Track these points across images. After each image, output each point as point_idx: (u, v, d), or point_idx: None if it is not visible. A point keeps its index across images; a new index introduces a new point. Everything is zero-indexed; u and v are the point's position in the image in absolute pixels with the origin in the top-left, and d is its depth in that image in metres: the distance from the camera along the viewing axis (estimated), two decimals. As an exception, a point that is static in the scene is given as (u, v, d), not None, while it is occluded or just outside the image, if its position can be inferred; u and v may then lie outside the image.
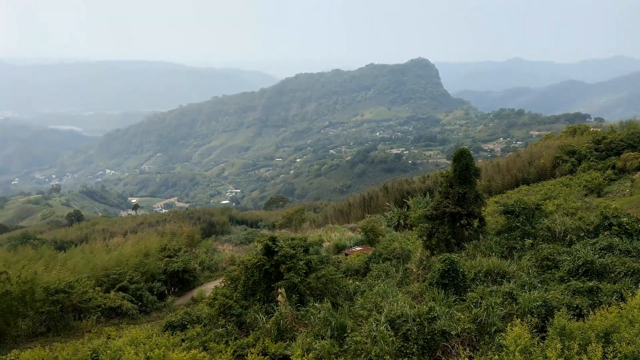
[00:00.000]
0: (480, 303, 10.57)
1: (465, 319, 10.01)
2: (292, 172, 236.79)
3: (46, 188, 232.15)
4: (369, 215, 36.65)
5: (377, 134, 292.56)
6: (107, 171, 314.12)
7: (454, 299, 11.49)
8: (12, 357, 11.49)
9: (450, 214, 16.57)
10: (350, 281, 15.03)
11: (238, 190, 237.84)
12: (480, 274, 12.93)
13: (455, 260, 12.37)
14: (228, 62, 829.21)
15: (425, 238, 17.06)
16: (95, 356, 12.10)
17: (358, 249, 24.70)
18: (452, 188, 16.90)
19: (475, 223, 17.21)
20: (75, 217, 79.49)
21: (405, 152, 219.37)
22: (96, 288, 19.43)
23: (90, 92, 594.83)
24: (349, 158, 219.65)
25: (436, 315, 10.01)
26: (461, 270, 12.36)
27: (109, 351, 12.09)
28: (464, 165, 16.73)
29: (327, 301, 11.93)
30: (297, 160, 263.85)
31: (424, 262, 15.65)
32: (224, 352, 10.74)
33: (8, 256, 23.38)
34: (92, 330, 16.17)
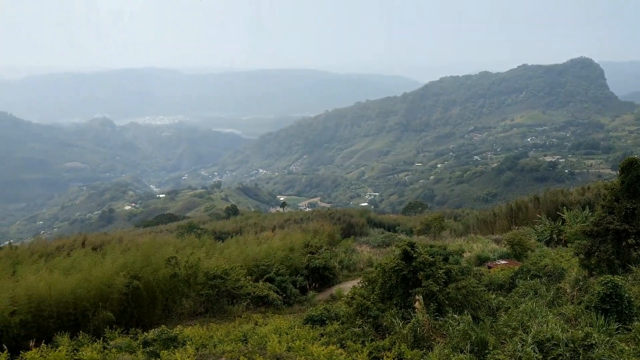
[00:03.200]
0: (650, 336, 9.26)
1: (631, 351, 8.86)
2: (432, 177, 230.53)
3: (209, 184, 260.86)
4: (516, 227, 34.03)
5: (529, 139, 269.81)
6: (260, 170, 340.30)
7: (616, 327, 10.19)
8: (177, 332, 13.14)
9: (614, 232, 14.70)
10: (493, 296, 14.22)
11: (377, 194, 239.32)
12: (651, 303, 11.29)
13: (620, 283, 10.95)
14: (370, 68, 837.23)
15: (582, 256, 15.38)
16: (245, 339, 13.27)
17: (502, 262, 23.18)
18: (619, 202, 14.97)
19: (647, 244, 15.03)
20: (232, 211, 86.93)
21: (561, 160, 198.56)
22: (247, 277, 21.09)
23: (248, 98, 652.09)
24: (495, 165, 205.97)
25: (594, 342, 9.02)
26: (626, 295, 10.91)
27: (256, 336, 13.22)
28: (634, 176, 14.70)
29: (467, 313, 11.46)
30: (438, 165, 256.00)
31: (580, 283, 14.11)
32: (360, 351, 10.94)
33: (177, 242, 26.53)
34: (242, 315, 17.75)
